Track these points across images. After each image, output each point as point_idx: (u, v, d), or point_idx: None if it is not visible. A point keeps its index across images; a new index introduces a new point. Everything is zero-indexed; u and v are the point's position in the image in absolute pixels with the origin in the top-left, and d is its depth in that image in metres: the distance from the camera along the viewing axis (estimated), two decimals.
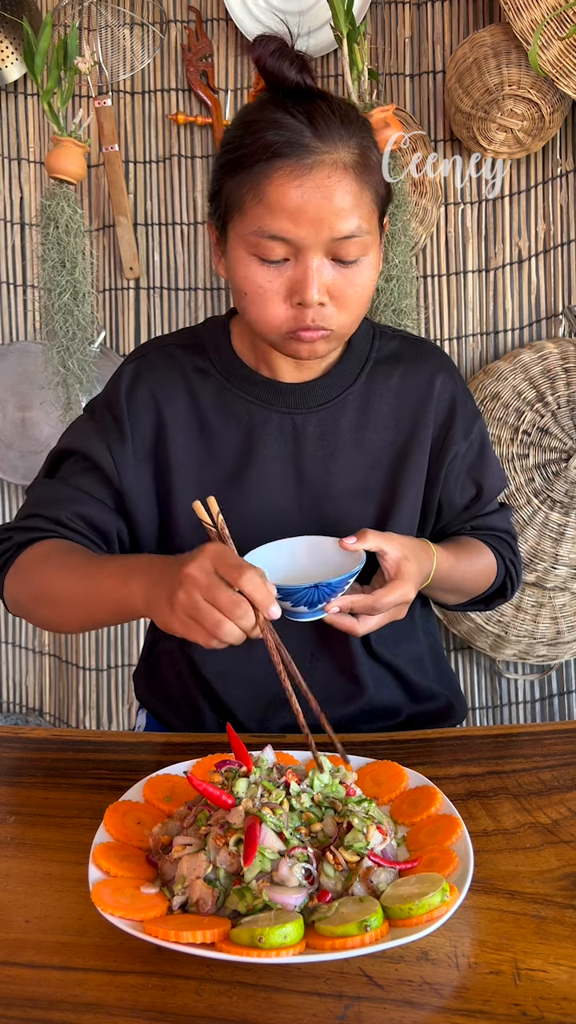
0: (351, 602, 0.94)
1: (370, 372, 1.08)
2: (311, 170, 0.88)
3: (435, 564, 1.02)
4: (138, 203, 2.03)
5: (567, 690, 2.07)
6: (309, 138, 0.89)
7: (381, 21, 1.93)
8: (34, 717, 2.24)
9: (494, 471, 1.15)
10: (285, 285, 0.93)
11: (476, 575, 1.13)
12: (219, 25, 1.97)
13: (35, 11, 1.97)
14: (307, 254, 0.91)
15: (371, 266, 0.95)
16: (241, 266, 0.94)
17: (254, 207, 0.91)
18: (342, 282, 0.93)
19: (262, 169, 0.90)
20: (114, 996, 0.64)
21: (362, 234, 0.92)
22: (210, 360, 1.08)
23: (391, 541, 0.95)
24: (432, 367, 1.10)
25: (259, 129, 0.90)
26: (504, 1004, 0.62)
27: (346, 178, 0.90)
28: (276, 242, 0.90)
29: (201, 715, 1.11)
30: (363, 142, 0.93)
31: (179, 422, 1.06)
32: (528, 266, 1.96)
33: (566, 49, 1.64)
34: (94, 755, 1.01)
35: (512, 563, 1.17)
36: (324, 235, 0.90)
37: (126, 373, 1.09)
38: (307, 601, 0.91)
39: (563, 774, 0.93)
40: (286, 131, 0.89)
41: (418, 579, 0.97)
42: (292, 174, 0.88)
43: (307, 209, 0.89)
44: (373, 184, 0.94)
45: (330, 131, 0.89)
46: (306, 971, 0.66)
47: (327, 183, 0.89)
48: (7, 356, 2.08)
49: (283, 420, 1.06)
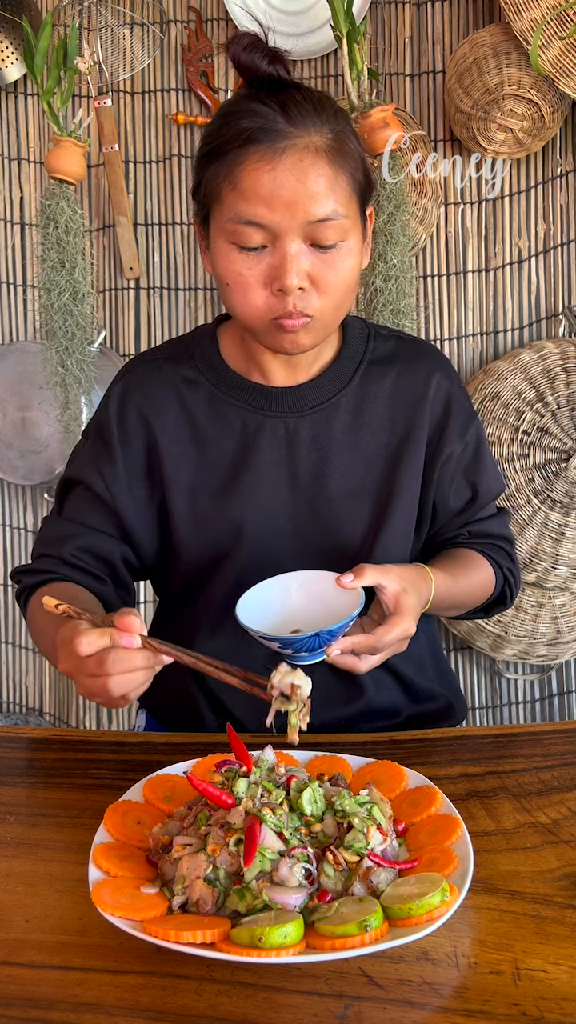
0: (352, 644, 0.92)
1: (364, 373, 1.08)
2: (283, 154, 0.89)
3: (433, 590, 1.01)
4: (138, 203, 2.03)
5: (567, 690, 2.07)
6: (281, 124, 0.90)
7: (381, 21, 1.93)
8: (34, 717, 2.24)
9: (490, 473, 1.14)
10: (264, 272, 0.93)
11: (474, 590, 1.12)
12: (219, 25, 1.97)
13: (35, 11, 1.97)
14: (284, 239, 0.91)
15: (351, 251, 0.95)
16: (222, 256, 0.94)
17: (230, 194, 0.92)
18: (321, 267, 0.93)
19: (235, 156, 0.91)
20: (114, 996, 0.64)
21: (338, 217, 0.92)
22: (199, 369, 1.08)
23: (388, 575, 0.93)
24: (428, 367, 1.09)
25: (233, 119, 0.91)
26: (504, 1004, 0.62)
27: (319, 161, 0.90)
28: (252, 228, 0.91)
29: (201, 715, 1.11)
30: (337, 128, 0.93)
31: (171, 435, 1.06)
32: (528, 266, 1.96)
33: (566, 49, 1.64)
34: (94, 755, 1.01)
35: (510, 571, 1.16)
36: (299, 218, 0.90)
37: (114, 393, 1.10)
38: (308, 648, 0.90)
39: (563, 774, 0.93)
40: (259, 118, 0.90)
41: (417, 610, 0.96)
42: (264, 158, 0.89)
43: (281, 193, 0.89)
44: (349, 170, 0.93)
45: (302, 117, 0.90)
46: (306, 971, 0.66)
47: (300, 166, 0.89)
48: (7, 356, 2.08)
49: (276, 424, 1.06)
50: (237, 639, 1.08)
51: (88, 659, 0.79)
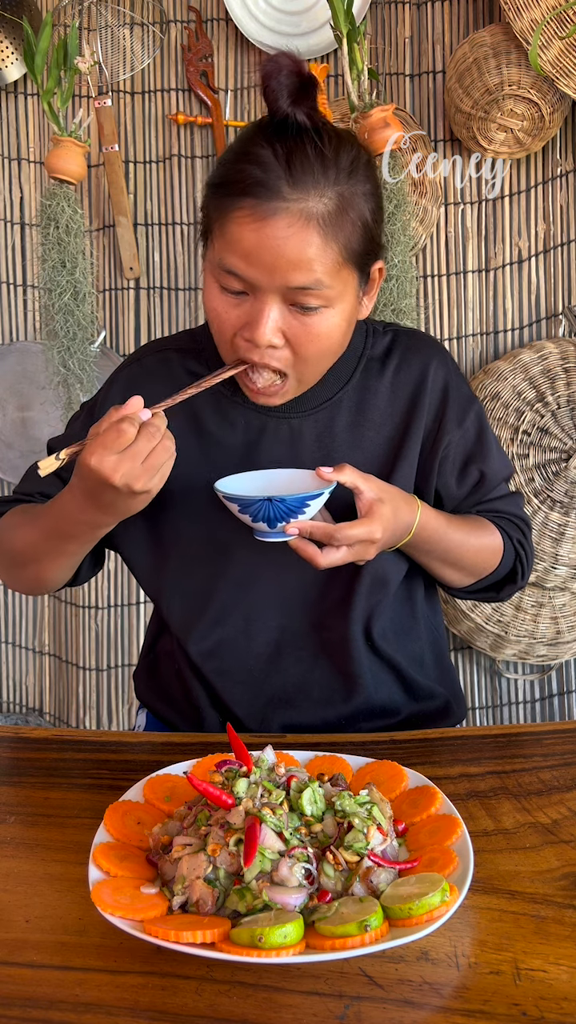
0: (311, 527, 0.93)
1: (364, 370, 1.08)
2: (274, 215, 0.86)
3: (418, 518, 1.01)
4: (138, 203, 2.03)
5: (567, 690, 2.07)
6: (282, 181, 0.86)
7: (381, 21, 1.93)
8: (34, 717, 2.24)
9: (496, 456, 1.13)
10: (241, 318, 0.92)
11: (477, 550, 1.09)
12: (219, 25, 1.97)
13: (35, 11, 1.97)
14: (262, 295, 0.90)
15: (336, 315, 0.93)
16: (208, 288, 0.95)
17: (219, 238, 0.91)
18: (299, 328, 0.92)
19: (229, 204, 0.89)
20: (114, 996, 0.64)
21: (321, 287, 0.89)
22: (207, 365, 1.08)
23: (369, 481, 0.95)
24: (424, 357, 1.09)
25: (240, 159, 0.89)
26: (504, 1004, 0.62)
27: (308, 230, 0.87)
28: (232, 277, 0.90)
29: (201, 714, 1.11)
30: (346, 190, 0.89)
31: (175, 429, 1.06)
32: (528, 266, 1.96)
33: (566, 49, 1.64)
34: (94, 755, 1.01)
35: (521, 544, 1.14)
36: (278, 281, 0.88)
37: (120, 378, 1.11)
38: (263, 517, 0.92)
39: (563, 774, 0.93)
40: (260, 169, 0.87)
41: (392, 524, 0.96)
42: (253, 216, 0.87)
43: (262, 255, 0.87)
44: (343, 240, 0.89)
45: (305, 175, 0.87)
46: (306, 971, 0.66)
47: (287, 232, 0.86)
48: (7, 356, 2.08)
49: (279, 424, 1.06)
50: (237, 636, 1.08)
51: (138, 444, 0.86)
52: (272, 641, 1.08)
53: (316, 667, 1.08)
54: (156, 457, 0.87)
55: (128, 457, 0.86)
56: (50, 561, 1.05)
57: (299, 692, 1.08)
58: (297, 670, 1.08)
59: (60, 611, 2.20)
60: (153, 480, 0.88)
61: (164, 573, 1.12)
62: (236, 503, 0.93)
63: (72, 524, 0.97)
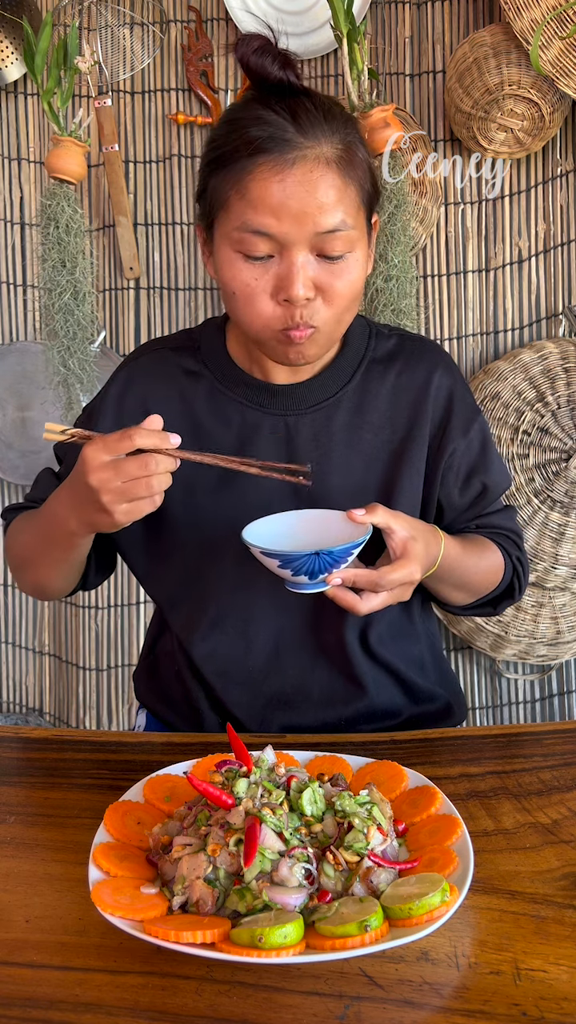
0: (354, 576, 0.90)
1: (365, 372, 1.08)
2: (293, 165, 0.89)
3: (443, 550, 1.01)
4: (138, 203, 2.03)
5: (567, 690, 2.07)
6: (291, 133, 0.89)
7: (381, 21, 1.93)
8: (34, 717, 2.24)
9: (497, 469, 1.14)
10: (271, 282, 0.93)
11: (484, 572, 1.11)
12: (219, 25, 1.97)
13: (35, 11, 1.97)
14: (291, 250, 0.91)
15: (358, 262, 0.95)
16: (227, 265, 0.94)
17: (237, 203, 0.91)
18: (328, 277, 0.93)
19: (244, 165, 0.90)
20: (114, 996, 0.64)
21: (347, 228, 0.92)
22: (203, 362, 1.08)
23: (399, 519, 0.93)
24: (429, 364, 1.09)
25: (242, 126, 0.91)
26: (504, 1004, 0.62)
27: (329, 172, 0.90)
28: (260, 237, 0.91)
29: (201, 715, 1.11)
30: (347, 137, 0.92)
31: (171, 426, 1.06)
32: (528, 266, 1.96)
33: (566, 49, 1.64)
34: (94, 755, 1.01)
35: (519, 561, 1.15)
36: (308, 230, 0.90)
37: (117, 379, 1.11)
38: (307, 570, 0.87)
39: (563, 774, 0.93)
40: (268, 127, 0.89)
41: (424, 561, 0.95)
42: (274, 169, 0.89)
43: (289, 204, 0.89)
44: (358, 180, 0.93)
45: (313, 126, 0.90)
46: (306, 971, 0.66)
47: (310, 177, 0.89)
48: (7, 356, 2.08)
49: (276, 422, 1.06)
50: (236, 638, 1.08)
51: (130, 461, 0.84)
52: (271, 642, 1.07)
53: (315, 668, 1.08)
54: (135, 487, 0.85)
55: (113, 467, 0.85)
56: (45, 567, 1.05)
57: (298, 693, 1.08)
58: (296, 671, 1.08)
59: (60, 611, 2.20)
60: (119, 506, 0.86)
61: (164, 575, 1.12)
62: (277, 559, 0.87)
63: (55, 526, 0.98)
